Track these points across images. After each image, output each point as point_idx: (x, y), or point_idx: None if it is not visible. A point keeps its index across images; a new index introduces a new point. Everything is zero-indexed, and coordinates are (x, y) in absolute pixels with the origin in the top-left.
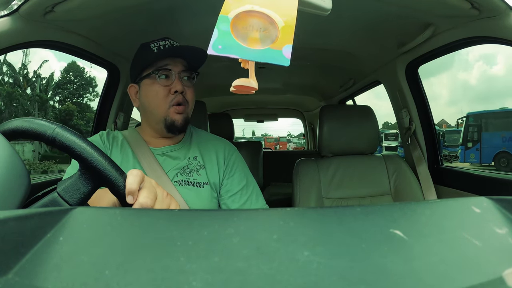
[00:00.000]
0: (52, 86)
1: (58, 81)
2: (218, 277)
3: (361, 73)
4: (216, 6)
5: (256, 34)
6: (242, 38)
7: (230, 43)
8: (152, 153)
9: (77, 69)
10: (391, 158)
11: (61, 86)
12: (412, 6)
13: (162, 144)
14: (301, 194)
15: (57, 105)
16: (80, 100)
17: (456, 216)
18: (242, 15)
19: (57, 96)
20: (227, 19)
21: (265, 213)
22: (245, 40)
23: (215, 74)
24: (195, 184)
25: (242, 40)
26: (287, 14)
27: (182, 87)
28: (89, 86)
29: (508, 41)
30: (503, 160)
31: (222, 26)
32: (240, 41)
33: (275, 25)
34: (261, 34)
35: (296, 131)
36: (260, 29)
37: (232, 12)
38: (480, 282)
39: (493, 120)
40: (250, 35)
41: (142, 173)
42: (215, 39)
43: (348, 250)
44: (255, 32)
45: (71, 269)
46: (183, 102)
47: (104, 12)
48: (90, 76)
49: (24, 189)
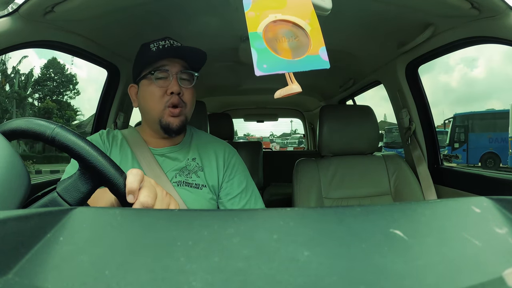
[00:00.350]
0: (31, 83)
1: (38, 78)
2: (218, 277)
3: (361, 73)
4: (217, 6)
5: (286, 44)
6: (276, 51)
7: (272, 60)
8: (152, 153)
9: (57, 66)
10: (391, 158)
11: (40, 83)
12: (412, 6)
13: (162, 145)
14: (301, 194)
15: (36, 103)
16: (60, 98)
17: (456, 216)
18: (270, 27)
19: (36, 94)
20: (258, 36)
21: (265, 213)
22: (279, 52)
23: (215, 74)
24: (193, 186)
25: (278, 53)
26: (307, 15)
27: (179, 88)
28: (69, 83)
29: (508, 41)
30: (489, 160)
31: (257, 44)
32: (278, 54)
33: (304, 31)
34: (293, 42)
35: (278, 132)
36: (291, 37)
37: (260, 27)
38: (480, 282)
39: (480, 121)
40: (281, 45)
41: (142, 172)
42: (257, 59)
43: (348, 250)
44: (285, 42)
45: (71, 269)
46: (179, 103)
47: (104, 12)
48: (71, 73)
49: (24, 189)
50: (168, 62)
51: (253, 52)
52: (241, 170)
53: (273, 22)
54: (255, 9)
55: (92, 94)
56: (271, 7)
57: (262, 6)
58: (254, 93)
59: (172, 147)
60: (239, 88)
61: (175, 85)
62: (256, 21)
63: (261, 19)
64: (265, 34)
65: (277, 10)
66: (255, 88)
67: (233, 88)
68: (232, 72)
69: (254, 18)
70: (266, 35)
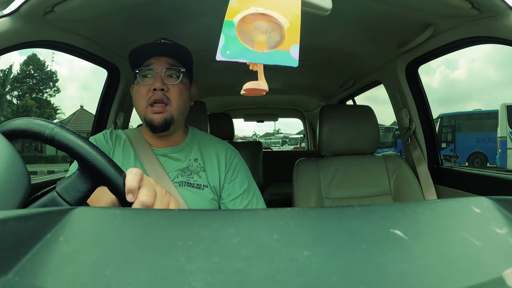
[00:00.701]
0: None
1: (17, 75)
2: (218, 277)
3: (361, 73)
4: (216, 6)
5: (263, 37)
6: (248, 41)
7: (237, 47)
8: (154, 154)
9: (37, 62)
10: (391, 158)
11: (19, 80)
12: (412, 6)
13: (164, 145)
14: (301, 194)
15: (15, 101)
16: (40, 96)
17: (456, 216)
18: (247, 18)
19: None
20: (232, 24)
21: (265, 213)
22: (252, 43)
23: (215, 74)
24: (195, 186)
25: (249, 43)
26: (291, 14)
27: (161, 84)
28: (49, 80)
29: (508, 41)
30: (477, 160)
31: (228, 32)
32: (247, 44)
33: (281, 27)
34: (267, 36)
35: (261, 131)
36: (266, 31)
37: (237, 16)
38: (480, 282)
39: (467, 121)
40: (257, 37)
41: (141, 171)
42: (222, 45)
43: (348, 250)
44: (261, 35)
45: (71, 269)
46: (162, 99)
47: (104, 12)
48: (51, 70)
49: (24, 189)
50: (154, 61)
51: (221, 37)
52: (243, 171)
53: (252, 15)
54: (241, 1)
55: (74, 93)
56: (257, 1)
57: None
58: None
59: (174, 147)
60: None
61: (158, 81)
62: (236, 11)
63: (242, 9)
64: (241, 23)
65: (261, 4)
66: None
67: (233, 88)
68: (232, 72)
69: (236, 8)
70: (241, 24)
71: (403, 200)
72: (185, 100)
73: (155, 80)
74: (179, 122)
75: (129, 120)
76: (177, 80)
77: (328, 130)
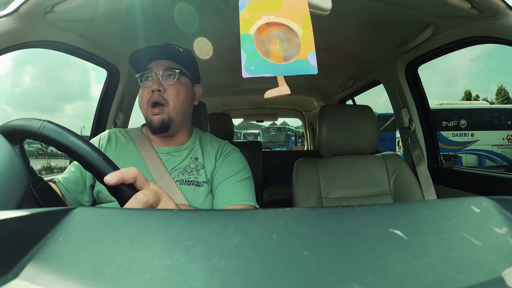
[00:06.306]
0: None
1: None
2: (217, 277)
3: (361, 73)
4: (216, 6)
5: (278, 46)
6: (266, 53)
7: (260, 62)
8: (156, 152)
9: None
10: (391, 158)
11: None
12: (412, 6)
13: (167, 145)
14: (301, 194)
15: None
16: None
17: (456, 216)
18: (262, 29)
19: None
20: (249, 38)
21: (265, 213)
22: (268, 54)
23: (215, 74)
24: (194, 183)
25: (267, 55)
26: (301, 19)
27: (158, 85)
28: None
29: (508, 41)
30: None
31: (247, 46)
32: (266, 56)
33: (295, 35)
34: (283, 45)
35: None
36: (282, 40)
37: (252, 28)
38: (480, 282)
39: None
40: (272, 47)
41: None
42: (245, 61)
43: (348, 250)
44: (276, 45)
45: (71, 269)
46: (159, 101)
47: (104, 13)
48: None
49: (24, 189)
50: (153, 65)
51: (242, 53)
52: (238, 160)
53: (266, 24)
54: (250, 10)
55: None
56: (266, 8)
57: (258, 7)
58: (253, 93)
59: (176, 147)
60: (239, 88)
61: (155, 83)
62: (249, 23)
63: (255, 20)
64: (257, 35)
65: (272, 12)
66: (254, 88)
67: (233, 88)
68: (232, 72)
69: (248, 20)
70: (258, 36)
71: (403, 200)
72: (184, 99)
73: (154, 82)
74: (179, 122)
75: (128, 119)
76: (173, 80)
77: (328, 130)
